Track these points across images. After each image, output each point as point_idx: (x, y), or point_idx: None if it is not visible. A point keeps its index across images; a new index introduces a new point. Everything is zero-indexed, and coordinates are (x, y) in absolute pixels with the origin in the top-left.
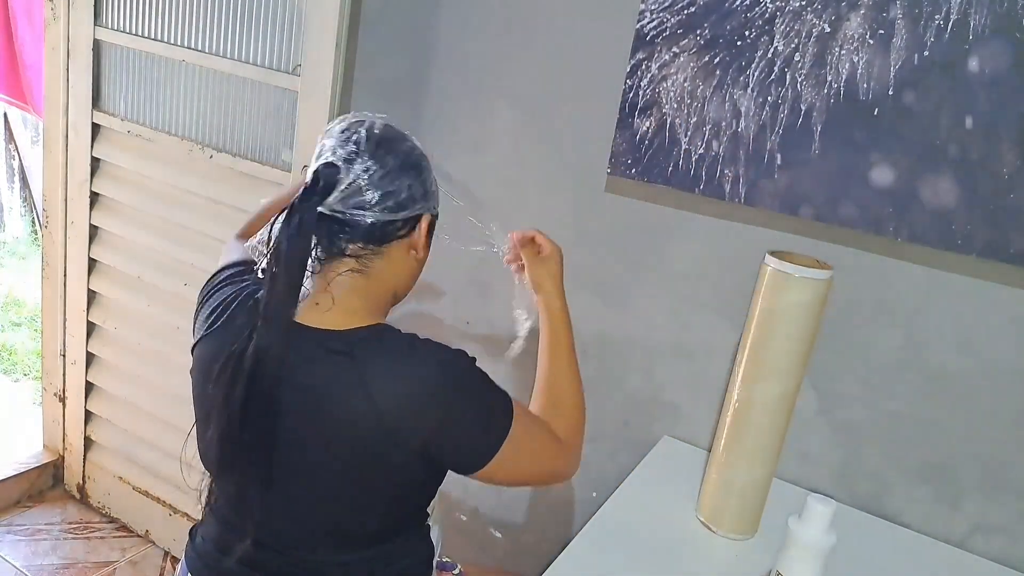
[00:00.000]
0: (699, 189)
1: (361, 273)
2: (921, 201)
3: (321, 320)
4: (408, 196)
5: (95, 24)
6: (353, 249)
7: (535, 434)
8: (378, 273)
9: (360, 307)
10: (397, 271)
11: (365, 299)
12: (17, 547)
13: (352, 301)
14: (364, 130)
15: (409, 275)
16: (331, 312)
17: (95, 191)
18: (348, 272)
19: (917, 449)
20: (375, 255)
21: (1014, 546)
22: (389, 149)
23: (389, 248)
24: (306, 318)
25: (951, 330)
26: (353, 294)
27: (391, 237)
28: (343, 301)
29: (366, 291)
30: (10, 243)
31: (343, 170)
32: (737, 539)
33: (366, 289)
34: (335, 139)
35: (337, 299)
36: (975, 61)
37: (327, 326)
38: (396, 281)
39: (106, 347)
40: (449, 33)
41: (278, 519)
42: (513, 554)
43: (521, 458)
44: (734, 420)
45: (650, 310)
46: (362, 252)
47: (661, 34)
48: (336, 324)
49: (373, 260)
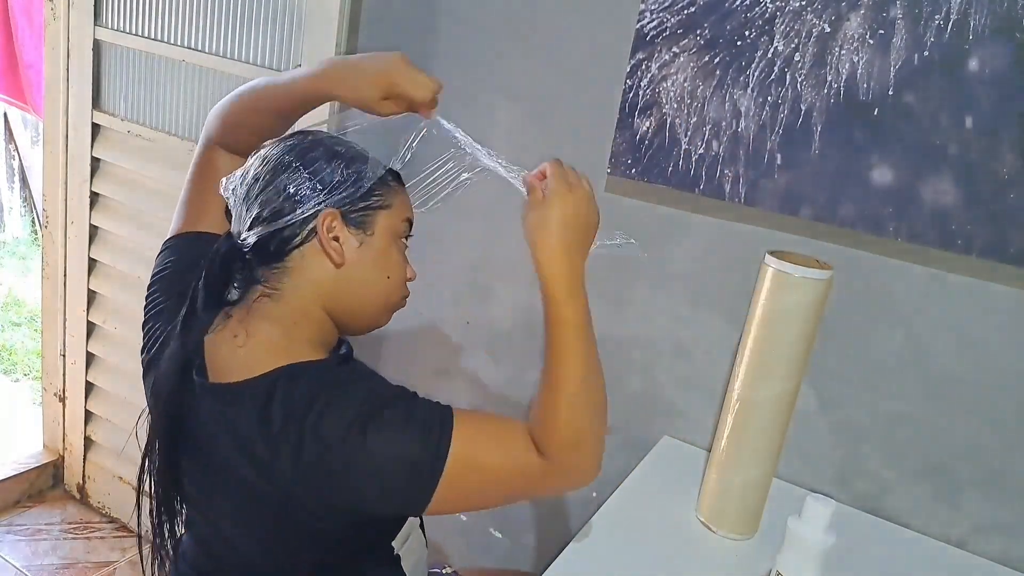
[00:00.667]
0: (699, 189)
1: (271, 297)
2: (921, 201)
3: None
4: (286, 198)
5: (95, 24)
6: (261, 272)
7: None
8: (290, 292)
9: (278, 338)
10: (315, 285)
11: (281, 326)
12: (17, 547)
13: (267, 332)
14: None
15: (339, 285)
16: (244, 348)
17: (95, 191)
18: (260, 299)
19: (917, 449)
20: (281, 273)
21: (1014, 546)
22: (267, 156)
23: (292, 260)
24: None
25: (951, 330)
26: (267, 323)
27: (286, 247)
28: (257, 332)
29: (281, 317)
30: (10, 243)
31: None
32: (737, 539)
33: (282, 315)
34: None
35: (251, 331)
36: (975, 61)
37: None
38: (320, 297)
39: (106, 347)
40: (449, 33)
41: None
42: (513, 554)
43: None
44: (734, 420)
45: (650, 310)
46: (268, 273)
47: (661, 34)
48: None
49: (281, 279)
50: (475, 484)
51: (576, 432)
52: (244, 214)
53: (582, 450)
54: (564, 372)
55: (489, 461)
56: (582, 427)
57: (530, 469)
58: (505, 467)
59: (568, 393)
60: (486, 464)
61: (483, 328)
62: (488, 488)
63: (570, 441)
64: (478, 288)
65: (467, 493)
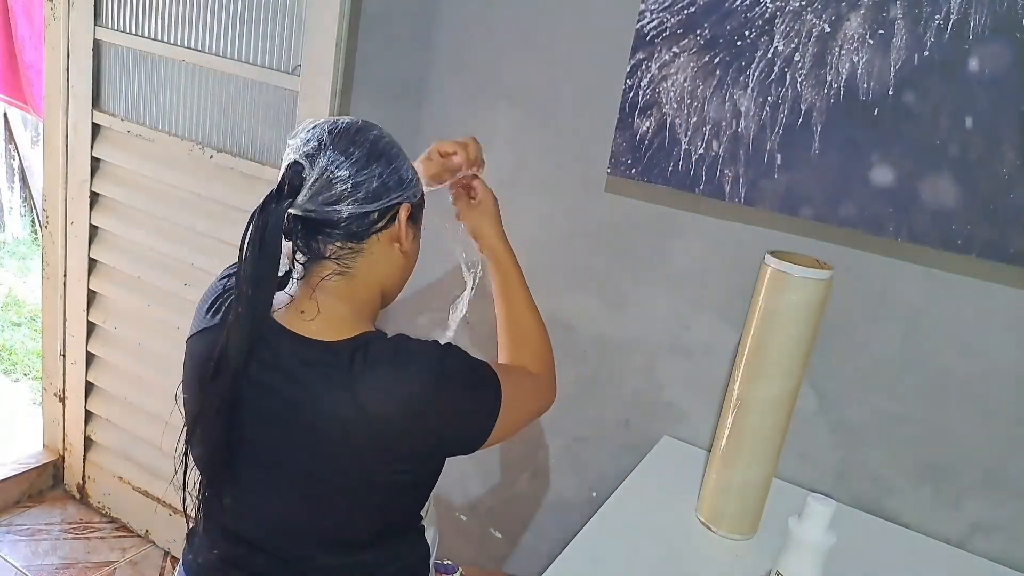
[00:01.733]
0: (699, 189)
1: (344, 275)
2: (921, 201)
3: (307, 329)
4: (380, 185)
5: (95, 24)
6: (332, 250)
7: (518, 387)
8: (362, 273)
9: (347, 314)
10: (382, 268)
11: (351, 304)
12: (17, 547)
13: (337, 308)
14: (327, 126)
15: (397, 271)
16: (315, 321)
17: (95, 191)
18: (331, 276)
19: (917, 449)
20: (356, 253)
21: (1014, 546)
22: (353, 140)
23: (369, 244)
24: (292, 327)
25: (951, 330)
26: (338, 300)
27: (369, 232)
28: (328, 308)
29: (351, 295)
30: (10, 243)
31: (307, 167)
32: (737, 539)
33: (351, 293)
34: (299, 139)
35: (322, 307)
36: (975, 61)
37: (313, 336)
38: (383, 279)
39: (106, 347)
40: (449, 33)
41: (272, 526)
42: (513, 554)
43: (513, 415)
44: (734, 420)
45: (650, 310)
46: (342, 252)
47: (661, 34)
48: (321, 335)
49: (355, 259)
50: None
51: (547, 352)
52: (323, 187)
53: (552, 365)
54: (531, 316)
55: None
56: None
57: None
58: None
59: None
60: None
61: (483, 328)
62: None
63: (547, 360)
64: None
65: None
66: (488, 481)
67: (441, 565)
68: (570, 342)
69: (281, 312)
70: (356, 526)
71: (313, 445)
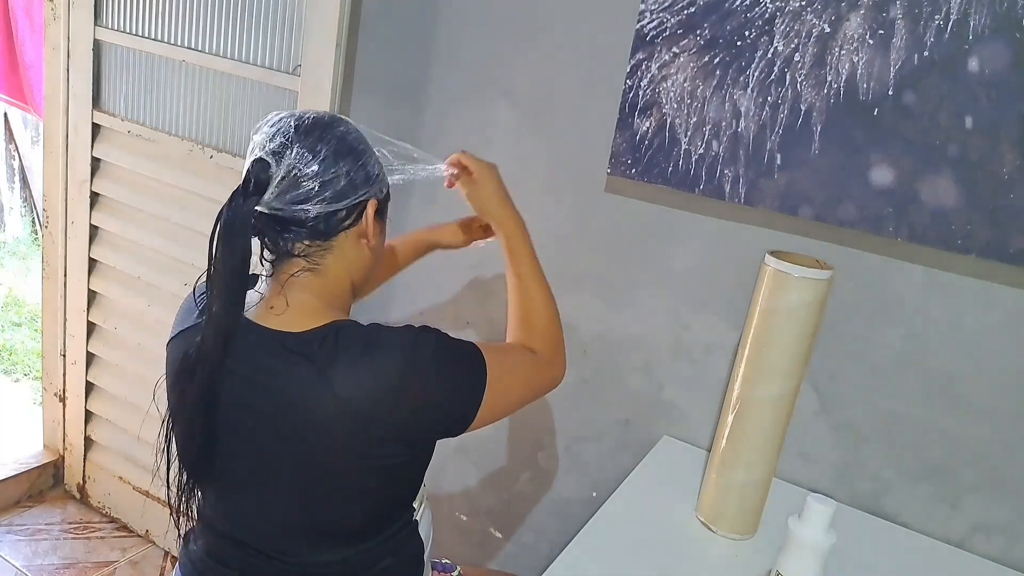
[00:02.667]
0: (699, 189)
1: (313, 272)
2: (921, 201)
3: (277, 323)
4: (348, 183)
5: (95, 24)
6: (301, 248)
7: (510, 365)
8: (331, 268)
9: (317, 305)
10: (350, 263)
11: (320, 297)
12: (17, 547)
13: (307, 301)
14: (293, 121)
15: (364, 265)
16: (286, 315)
17: (95, 191)
18: (300, 272)
19: (917, 449)
20: (324, 250)
21: (1014, 546)
22: (320, 136)
23: (338, 241)
24: (264, 323)
25: (951, 330)
26: (308, 294)
27: (337, 229)
28: (298, 303)
29: (321, 289)
30: (10, 243)
31: (273, 164)
32: (737, 539)
33: (321, 287)
34: (263, 134)
35: (292, 302)
36: (975, 61)
37: (284, 328)
38: (352, 273)
39: (106, 347)
40: (449, 33)
41: (259, 522)
42: (513, 554)
43: (505, 395)
44: (734, 420)
45: (650, 310)
46: (310, 250)
47: (661, 34)
48: (292, 326)
49: (324, 256)
50: (503, 397)
51: (554, 327)
52: (290, 186)
53: (558, 341)
54: (537, 288)
55: (510, 374)
56: (555, 324)
57: (535, 367)
58: (521, 373)
59: (542, 303)
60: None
61: (483, 328)
62: (513, 396)
63: (552, 336)
64: (478, 288)
65: (502, 405)
66: (488, 481)
67: (440, 564)
68: (570, 342)
69: (252, 311)
70: (342, 517)
71: (290, 435)
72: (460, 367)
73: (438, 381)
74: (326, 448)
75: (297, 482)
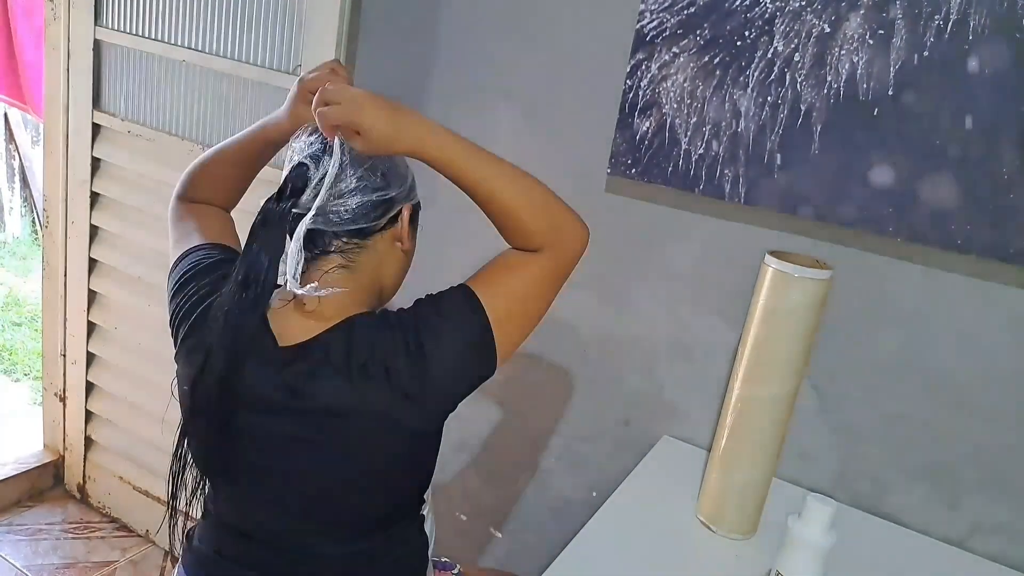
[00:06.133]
0: (699, 189)
1: (347, 268)
2: (921, 201)
3: (303, 321)
4: (384, 184)
5: (95, 24)
6: (337, 244)
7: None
8: (364, 267)
9: (347, 303)
10: (384, 265)
11: (351, 295)
12: (17, 547)
13: (339, 299)
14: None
15: (397, 269)
16: (316, 312)
17: (95, 191)
18: (334, 269)
19: (917, 449)
20: (360, 249)
21: (1014, 546)
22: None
23: (374, 241)
24: (289, 318)
25: (951, 330)
26: (340, 290)
27: (374, 229)
28: (329, 301)
29: (355, 285)
30: (10, 243)
31: (311, 167)
32: (737, 539)
33: (355, 284)
34: (303, 141)
35: (323, 299)
36: (975, 61)
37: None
38: (383, 275)
39: (106, 347)
40: (449, 33)
41: (269, 517)
42: (513, 554)
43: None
44: (734, 420)
45: (650, 310)
46: (346, 247)
47: (661, 34)
48: (316, 321)
49: (359, 254)
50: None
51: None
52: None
53: (561, 223)
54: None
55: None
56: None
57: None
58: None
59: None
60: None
61: None
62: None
63: (546, 227)
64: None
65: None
66: (488, 481)
67: (440, 563)
68: (570, 342)
69: (282, 307)
70: (364, 508)
71: (312, 433)
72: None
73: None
74: (353, 438)
75: (316, 476)
